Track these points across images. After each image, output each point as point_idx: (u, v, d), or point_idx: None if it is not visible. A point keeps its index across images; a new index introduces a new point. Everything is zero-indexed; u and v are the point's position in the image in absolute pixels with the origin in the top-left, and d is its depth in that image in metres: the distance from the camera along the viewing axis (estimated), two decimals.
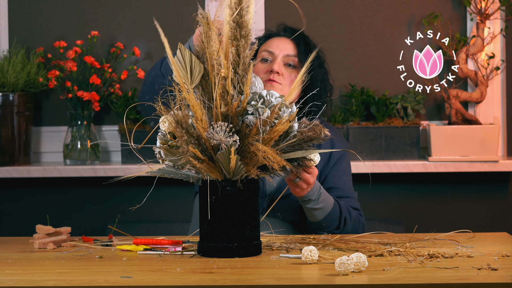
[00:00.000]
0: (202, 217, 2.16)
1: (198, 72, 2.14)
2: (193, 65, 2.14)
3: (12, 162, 3.50)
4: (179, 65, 2.14)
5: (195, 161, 2.08)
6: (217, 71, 2.12)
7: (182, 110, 2.13)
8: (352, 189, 2.72)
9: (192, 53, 2.14)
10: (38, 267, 2.09)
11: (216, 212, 2.13)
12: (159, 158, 2.20)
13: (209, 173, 2.13)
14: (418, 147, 3.50)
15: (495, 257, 2.13)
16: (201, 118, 2.11)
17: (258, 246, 2.17)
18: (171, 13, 3.63)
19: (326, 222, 2.54)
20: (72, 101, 3.52)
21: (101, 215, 3.59)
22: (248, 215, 2.14)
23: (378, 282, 1.87)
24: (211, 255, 2.14)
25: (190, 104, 2.12)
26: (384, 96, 3.53)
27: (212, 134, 2.07)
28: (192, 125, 2.11)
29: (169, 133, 2.17)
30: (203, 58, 2.14)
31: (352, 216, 2.61)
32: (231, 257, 2.13)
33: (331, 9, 3.62)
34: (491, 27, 3.53)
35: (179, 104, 2.13)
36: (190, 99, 2.12)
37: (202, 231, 2.17)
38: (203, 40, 2.14)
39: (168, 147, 2.17)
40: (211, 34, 2.13)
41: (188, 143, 2.08)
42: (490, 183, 3.59)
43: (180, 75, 2.14)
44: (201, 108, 2.13)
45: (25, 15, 3.63)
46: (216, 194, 2.13)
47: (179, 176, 2.19)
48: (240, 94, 2.14)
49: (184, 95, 2.13)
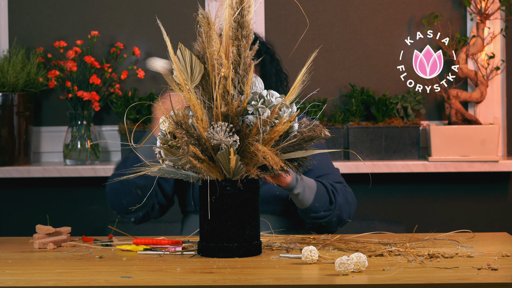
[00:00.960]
0: (202, 217, 2.16)
1: (198, 72, 2.14)
2: (193, 65, 2.14)
3: (12, 162, 3.50)
4: (179, 64, 2.14)
5: (195, 161, 2.08)
6: (218, 71, 2.12)
7: (182, 110, 2.13)
8: (331, 166, 2.69)
9: (192, 53, 2.14)
10: (38, 267, 2.09)
11: (216, 212, 2.13)
12: (159, 158, 2.20)
13: (209, 173, 2.13)
14: (418, 147, 3.50)
15: (495, 257, 2.13)
16: (202, 118, 2.11)
17: (258, 246, 2.17)
18: (171, 13, 3.63)
19: (318, 201, 2.51)
20: (72, 101, 3.52)
21: (101, 215, 3.59)
22: (248, 215, 2.14)
23: (378, 282, 1.87)
24: (211, 255, 2.14)
25: (191, 103, 2.12)
26: (384, 96, 3.54)
27: (212, 134, 2.08)
28: (192, 125, 2.11)
29: (169, 133, 2.17)
30: (204, 58, 2.14)
31: (336, 186, 2.59)
32: (231, 257, 2.13)
33: (331, 9, 3.62)
34: (491, 27, 3.54)
35: (179, 105, 2.13)
36: (190, 99, 2.12)
37: (202, 231, 2.17)
38: (203, 40, 2.14)
39: (168, 147, 2.17)
40: (211, 34, 2.13)
41: (188, 143, 2.08)
42: (490, 183, 3.59)
43: (181, 75, 2.14)
44: (202, 108, 2.13)
45: (25, 15, 3.64)
46: (216, 194, 2.13)
47: (179, 176, 2.19)
48: (241, 94, 2.14)
49: (185, 95, 2.13)
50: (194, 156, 2.08)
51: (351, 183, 2.80)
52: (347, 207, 2.60)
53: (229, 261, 2.10)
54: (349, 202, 2.61)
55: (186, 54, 2.14)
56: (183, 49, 2.14)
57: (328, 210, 2.55)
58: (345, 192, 2.61)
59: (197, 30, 2.18)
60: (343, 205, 2.58)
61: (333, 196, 2.56)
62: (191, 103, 2.12)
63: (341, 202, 2.57)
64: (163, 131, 2.19)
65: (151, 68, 2.20)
